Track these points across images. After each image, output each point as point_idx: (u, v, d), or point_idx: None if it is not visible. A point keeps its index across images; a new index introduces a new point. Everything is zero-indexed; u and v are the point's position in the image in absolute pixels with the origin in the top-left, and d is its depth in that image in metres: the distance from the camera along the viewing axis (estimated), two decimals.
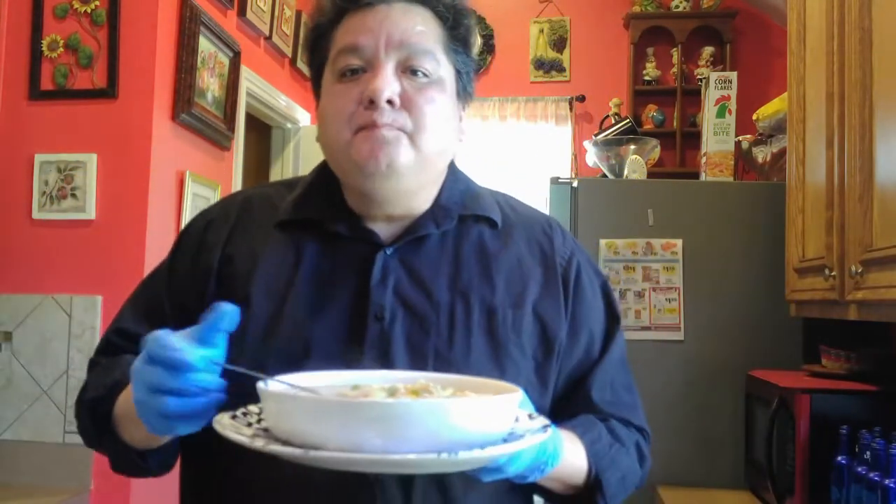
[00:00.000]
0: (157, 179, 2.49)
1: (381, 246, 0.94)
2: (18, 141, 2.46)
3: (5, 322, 2.41)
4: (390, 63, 0.89)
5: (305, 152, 3.99)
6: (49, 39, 2.47)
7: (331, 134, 0.92)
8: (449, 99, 0.93)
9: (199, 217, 1.04)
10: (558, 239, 1.03)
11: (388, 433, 0.62)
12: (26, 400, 2.37)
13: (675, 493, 2.21)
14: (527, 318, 0.94)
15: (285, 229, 0.96)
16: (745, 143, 2.75)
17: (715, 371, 2.32)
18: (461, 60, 0.96)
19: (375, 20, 0.90)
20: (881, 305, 1.51)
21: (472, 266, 0.95)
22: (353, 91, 0.90)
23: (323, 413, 0.64)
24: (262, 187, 1.06)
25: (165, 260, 1.03)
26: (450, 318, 0.91)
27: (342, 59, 0.91)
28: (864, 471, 1.49)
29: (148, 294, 1.03)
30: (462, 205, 0.98)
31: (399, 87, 0.89)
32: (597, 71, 4.21)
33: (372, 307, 0.89)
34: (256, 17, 3.28)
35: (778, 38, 3.83)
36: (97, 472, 2.34)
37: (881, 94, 1.50)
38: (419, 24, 0.92)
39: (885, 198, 1.47)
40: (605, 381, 0.99)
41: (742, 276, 2.35)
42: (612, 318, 1.04)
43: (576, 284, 1.00)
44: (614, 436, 0.96)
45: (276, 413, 0.67)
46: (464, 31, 0.96)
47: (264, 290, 0.91)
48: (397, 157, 0.88)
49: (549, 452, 0.77)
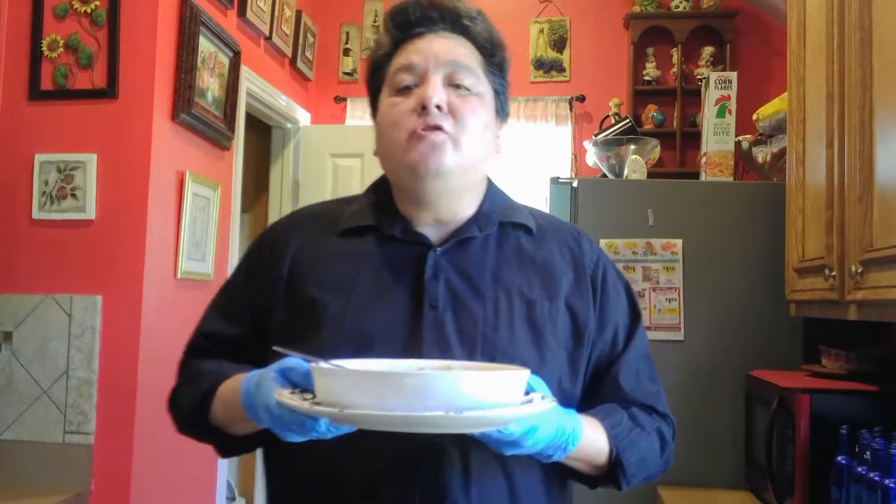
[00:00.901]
0: (157, 179, 2.49)
1: (431, 247, 1.08)
2: (18, 141, 2.46)
3: (5, 322, 2.41)
4: (438, 76, 1.06)
5: (305, 152, 3.99)
6: (49, 39, 2.47)
7: (388, 138, 1.07)
8: (488, 112, 1.09)
9: (271, 229, 1.20)
10: (586, 245, 1.16)
11: (411, 400, 0.76)
12: (26, 400, 2.37)
13: (674, 493, 2.21)
14: (560, 310, 1.08)
15: (347, 236, 1.12)
16: (745, 143, 2.75)
17: (715, 371, 2.32)
18: (498, 82, 1.13)
19: (425, 43, 1.09)
20: (881, 305, 1.51)
21: (511, 264, 1.09)
22: (408, 101, 1.06)
23: (359, 383, 0.79)
24: (325, 203, 1.24)
25: (240, 267, 1.19)
26: (494, 309, 1.04)
27: (398, 77, 1.08)
28: (864, 471, 1.49)
29: (227, 298, 1.18)
30: (502, 213, 1.13)
31: (446, 96, 1.05)
32: (597, 71, 4.21)
33: (427, 297, 1.03)
34: (256, 17, 3.29)
35: (778, 38, 3.83)
36: (97, 472, 2.34)
37: (881, 94, 1.50)
38: (462, 47, 1.09)
39: (885, 198, 1.47)
40: (630, 369, 1.11)
41: (742, 276, 2.35)
42: (635, 315, 1.16)
43: (602, 284, 1.13)
44: (635, 421, 1.07)
45: (324, 386, 0.82)
46: (499, 59, 1.14)
47: (333, 289, 1.06)
48: (444, 159, 1.03)
49: (568, 433, 0.91)
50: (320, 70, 4.23)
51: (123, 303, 2.40)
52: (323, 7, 4.23)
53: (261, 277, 1.12)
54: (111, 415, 2.37)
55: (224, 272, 3.07)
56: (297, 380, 0.88)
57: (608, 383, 1.10)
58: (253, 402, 0.90)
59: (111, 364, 2.38)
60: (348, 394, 0.78)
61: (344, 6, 4.31)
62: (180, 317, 2.68)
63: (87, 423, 2.35)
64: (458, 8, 1.11)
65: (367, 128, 4.29)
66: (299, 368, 0.88)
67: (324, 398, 0.81)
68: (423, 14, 1.10)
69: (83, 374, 2.36)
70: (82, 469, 2.33)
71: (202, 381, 1.07)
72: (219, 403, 1.04)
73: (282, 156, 4.00)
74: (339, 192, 3.92)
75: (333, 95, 4.24)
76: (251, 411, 0.90)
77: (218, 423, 1.05)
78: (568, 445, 0.91)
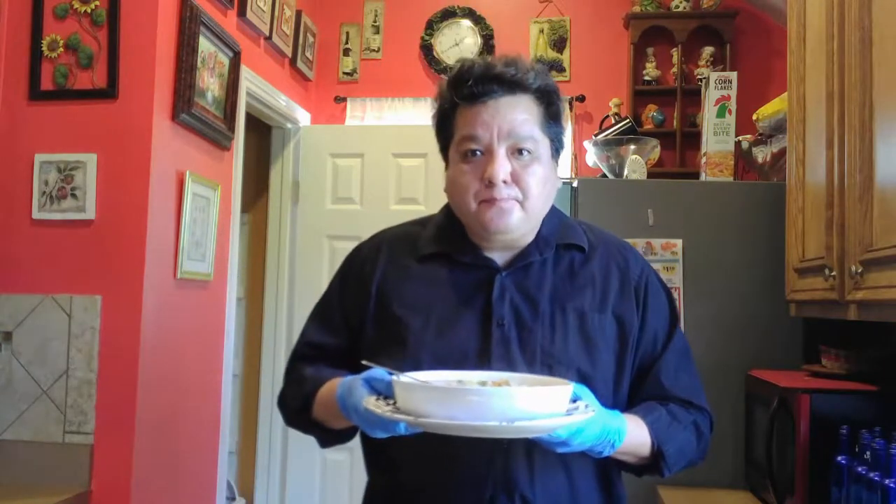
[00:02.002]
0: (157, 179, 2.49)
1: (497, 270, 1.23)
2: (18, 141, 2.46)
3: (5, 322, 2.41)
4: (502, 149, 1.18)
5: (305, 152, 3.99)
6: (49, 39, 2.47)
7: (460, 202, 1.22)
8: (547, 166, 1.22)
9: (356, 252, 1.36)
10: (632, 259, 1.30)
11: (472, 411, 0.92)
12: (26, 400, 2.37)
13: (674, 493, 2.21)
14: (609, 319, 1.23)
15: (424, 260, 1.28)
16: (745, 143, 2.75)
17: (715, 371, 2.32)
18: (554, 131, 1.24)
19: (489, 114, 1.18)
20: (881, 305, 1.51)
21: (566, 282, 1.24)
22: (476, 171, 1.19)
23: (431, 396, 0.96)
24: (402, 226, 1.38)
25: (334, 284, 1.36)
26: (551, 324, 1.20)
27: (465, 144, 1.20)
28: (864, 471, 1.49)
29: (323, 312, 1.35)
30: (558, 235, 1.27)
31: (509, 167, 1.18)
32: (597, 71, 4.20)
33: (495, 317, 1.20)
34: (256, 17, 3.28)
35: (778, 38, 3.82)
36: (97, 472, 2.34)
37: (881, 94, 1.50)
38: (522, 111, 1.19)
39: (885, 198, 1.47)
40: (669, 368, 1.25)
41: (742, 276, 2.35)
42: (673, 319, 1.30)
43: (645, 294, 1.27)
44: (672, 416, 1.21)
45: (402, 397, 0.99)
46: (555, 109, 1.24)
47: (414, 309, 1.23)
48: (511, 220, 1.19)
49: (613, 431, 1.05)
50: (320, 70, 4.23)
51: (123, 303, 2.40)
52: (323, 7, 4.23)
53: (354, 295, 1.29)
54: (111, 415, 2.37)
55: (224, 272, 3.07)
56: (381, 388, 1.04)
57: (651, 381, 1.24)
58: (345, 404, 1.07)
59: (111, 364, 2.38)
60: (422, 404, 0.95)
61: (344, 6, 4.30)
62: (180, 317, 2.68)
63: (87, 423, 2.35)
64: (517, 77, 1.19)
65: (368, 128, 4.29)
66: (383, 379, 1.04)
67: (402, 405, 0.98)
68: (485, 88, 1.18)
69: (83, 374, 2.36)
70: (82, 469, 2.33)
71: (305, 385, 1.26)
72: (319, 404, 1.22)
73: (282, 156, 4.00)
74: (339, 192, 3.92)
75: (333, 95, 4.24)
76: (344, 411, 1.08)
77: (319, 419, 1.23)
78: (615, 442, 1.06)
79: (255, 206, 4.09)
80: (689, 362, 1.30)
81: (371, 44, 4.27)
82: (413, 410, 0.95)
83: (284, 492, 3.83)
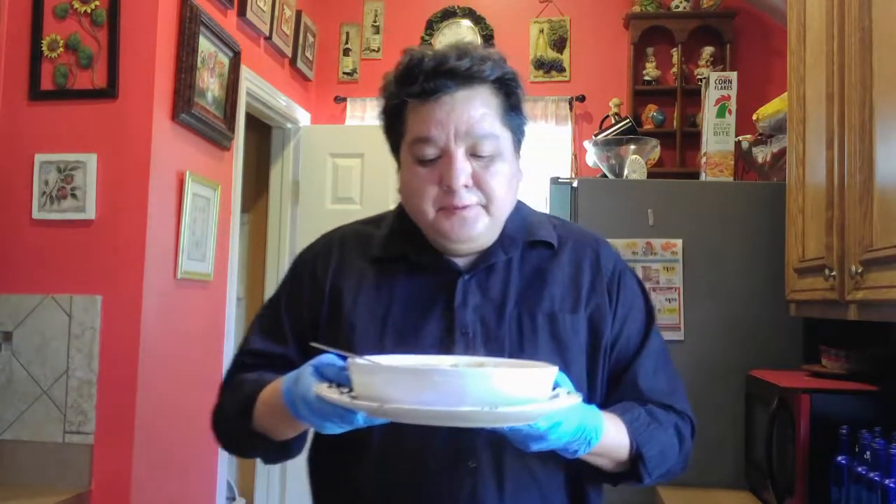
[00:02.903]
0: (157, 179, 2.49)
1: (459, 273, 1.13)
2: (18, 141, 2.46)
3: (5, 322, 2.41)
4: (460, 151, 1.06)
5: (305, 152, 3.99)
6: (49, 39, 2.47)
7: (416, 208, 1.10)
8: (509, 161, 1.11)
9: (305, 253, 1.25)
10: (604, 253, 1.20)
11: (447, 395, 0.79)
12: (26, 400, 2.37)
13: (675, 493, 2.21)
14: (581, 321, 1.13)
15: (379, 263, 1.16)
16: (745, 143, 2.74)
17: (715, 371, 2.31)
18: (516, 123, 1.13)
19: (443, 112, 1.06)
20: (881, 305, 1.51)
21: (533, 283, 1.14)
22: (432, 175, 1.08)
23: (397, 379, 0.82)
24: (353, 225, 1.27)
25: (280, 289, 1.23)
26: (518, 329, 1.10)
27: (419, 148, 1.08)
28: (864, 471, 1.49)
29: (270, 318, 1.21)
30: (525, 231, 1.17)
31: (470, 168, 1.07)
32: (597, 71, 4.21)
33: (458, 325, 1.10)
34: (256, 17, 3.28)
35: (778, 38, 3.82)
36: (97, 472, 2.34)
37: (881, 94, 1.50)
38: (479, 106, 1.07)
39: (885, 198, 1.47)
40: (646, 370, 1.16)
41: (742, 276, 2.35)
42: (650, 317, 1.20)
43: (619, 291, 1.18)
44: (652, 416, 1.11)
45: (361, 382, 0.85)
46: (515, 99, 1.13)
47: (368, 316, 1.12)
48: (475, 229, 1.09)
49: (590, 427, 0.94)
50: (320, 70, 4.23)
51: (123, 303, 2.40)
52: (323, 7, 4.23)
53: (305, 297, 1.18)
54: (111, 415, 2.37)
55: (224, 272, 3.07)
56: (331, 375, 0.92)
57: (626, 384, 1.15)
58: (292, 396, 0.94)
59: (111, 364, 2.38)
60: (386, 389, 0.81)
61: (344, 6, 4.30)
62: (180, 317, 2.68)
63: (87, 423, 2.35)
64: (473, 69, 1.07)
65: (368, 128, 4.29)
66: (334, 364, 0.92)
67: (361, 392, 0.85)
68: (438, 83, 1.06)
69: (83, 374, 2.36)
70: (82, 469, 2.33)
71: (245, 387, 1.11)
72: (261, 405, 1.06)
73: (282, 156, 4.00)
74: (339, 192, 3.92)
75: (333, 95, 4.24)
76: (292, 407, 0.94)
77: (261, 427, 1.07)
78: (591, 439, 0.95)
79: (255, 206, 4.09)
80: (667, 363, 1.20)
81: (371, 44, 4.27)
82: (375, 396, 0.82)
83: (284, 492, 3.83)
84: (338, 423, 0.89)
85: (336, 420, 0.89)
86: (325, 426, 0.91)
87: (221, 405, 1.17)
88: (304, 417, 0.93)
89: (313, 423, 0.93)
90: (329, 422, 0.90)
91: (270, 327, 1.20)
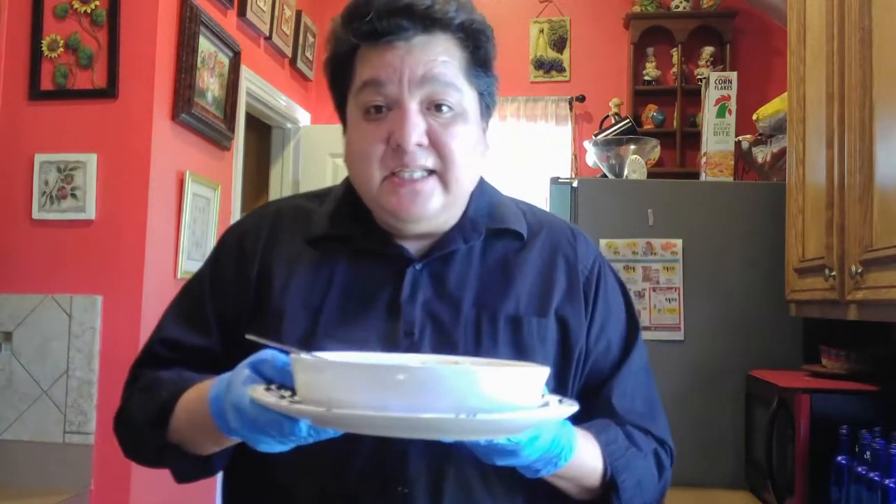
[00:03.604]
0: (157, 179, 2.49)
1: (410, 261, 0.96)
2: (18, 141, 2.46)
3: (5, 322, 2.41)
4: (414, 102, 0.90)
5: (305, 152, 3.99)
6: (49, 39, 2.47)
7: (361, 173, 0.93)
8: (473, 126, 0.95)
9: (233, 229, 1.08)
10: (581, 248, 1.03)
11: (413, 398, 0.62)
12: (26, 400, 2.37)
13: (675, 493, 2.21)
14: (550, 326, 0.96)
15: (317, 244, 0.99)
16: (745, 143, 2.74)
17: (715, 371, 2.31)
18: (484, 83, 0.97)
19: (396, 55, 0.90)
20: (881, 305, 1.51)
21: (497, 278, 0.97)
22: (380, 130, 0.90)
23: (349, 376, 0.65)
24: (293, 199, 1.09)
25: (203, 270, 1.06)
26: (476, 332, 0.93)
27: (365, 96, 0.91)
28: (864, 471, 1.49)
29: (188, 303, 1.04)
30: (489, 217, 1.00)
31: (425, 125, 0.90)
32: (597, 71, 4.21)
33: (403, 324, 0.92)
34: (256, 17, 3.28)
35: (778, 38, 3.82)
36: (97, 472, 2.34)
37: (881, 94, 1.50)
38: (441, 53, 0.91)
39: (885, 198, 1.47)
40: (624, 388, 0.99)
41: (742, 276, 2.35)
42: (633, 327, 1.04)
43: (597, 292, 1.01)
44: (631, 440, 0.96)
45: (306, 382, 0.68)
46: (483, 54, 0.97)
47: (300, 304, 0.94)
48: (428, 207, 0.91)
49: (562, 444, 0.78)
50: (320, 70, 4.23)
51: (123, 303, 2.40)
52: (323, 7, 4.23)
53: (229, 280, 1.00)
54: (111, 415, 2.35)
55: None
56: (272, 374, 0.75)
57: (600, 403, 0.98)
58: (222, 406, 0.76)
59: (111, 364, 2.38)
60: (336, 390, 0.64)
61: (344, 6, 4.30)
62: None
63: (87, 423, 2.35)
64: (434, 9, 0.91)
65: None
66: (275, 361, 0.75)
67: (306, 395, 0.68)
68: (392, 24, 0.90)
69: (83, 374, 2.36)
70: (82, 469, 2.33)
71: (161, 390, 0.92)
72: (181, 413, 0.89)
73: (282, 156, 4.00)
74: None
75: None
76: (220, 419, 0.78)
77: (178, 438, 0.90)
78: (560, 459, 0.79)
79: (255, 206, 4.09)
80: (648, 381, 1.04)
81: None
82: (323, 399, 0.65)
83: None
84: (276, 437, 0.72)
85: (274, 432, 0.71)
86: (260, 441, 0.73)
87: (128, 408, 1.00)
88: (235, 431, 0.75)
89: (246, 438, 0.75)
90: (265, 435, 0.72)
91: (191, 314, 1.02)
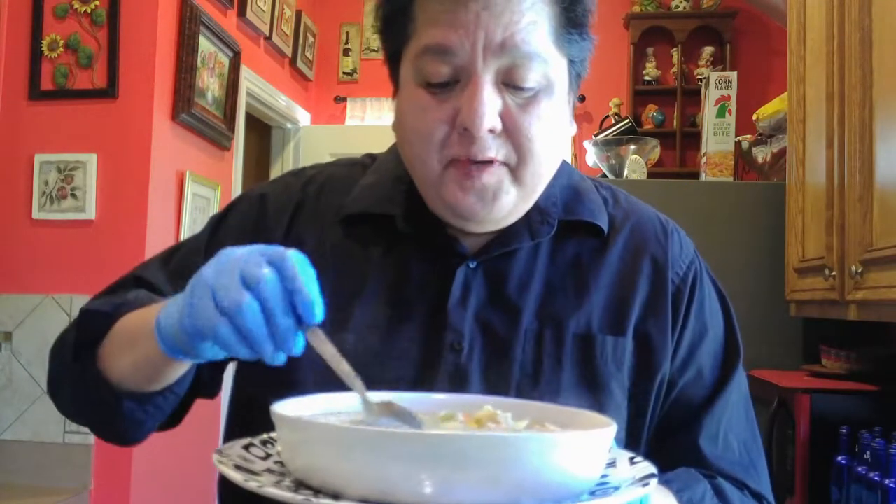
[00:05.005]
0: (157, 179, 2.49)
1: (463, 257, 0.78)
2: (18, 141, 2.46)
3: (5, 322, 2.41)
4: (489, 74, 0.71)
5: (305, 152, 3.99)
6: (49, 39, 2.47)
7: (415, 155, 0.75)
8: (558, 102, 0.76)
9: (251, 192, 0.88)
10: (674, 247, 0.85)
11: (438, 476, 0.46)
12: (26, 400, 2.37)
13: None
14: (627, 345, 0.78)
15: (353, 223, 0.81)
16: (745, 143, 2.74)
17: None
18: (577, 48, 0.77)
19: (470, 13, 0.69)
20: (881, 305, 1.51)
21: (567, 284, 0.79)
22: (444, 108, 0.72)
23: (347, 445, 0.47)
24: (328, 166, 0.89)
25: (206, 230, 0.88)
26: (536, 350, 0.76)
27: (428, 64, 0.72)
28: (864, 471, 1.49)
29: (181, 258, 0.86)
30: (564, 206, 0.82)
31: (500, 105, 0.71)
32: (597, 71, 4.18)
33: (448, 335, 0.75)
34: (256, 17, 3.28)
35: (778, 38, 3.82)
36: (97, 472, 2.34)
37: (881, 94, 1.50)
38: (527, 12, 0.71)
39: (885, 198, 1.47)
40: (717, 429, 0.81)
41: (742, 275, 2.35)
42: (733, 351, 0.86)
43: (689, 305, 0.83)
44: (721, 498, 0.76)
45: (290, 443, 0.52)
46: (582, 11, 0.75)
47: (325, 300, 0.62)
48: (497, 206, 0.74)
49: None
50: (320, 70, 4.23)
51: None
52: (323, 7, 4.23)
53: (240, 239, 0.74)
54: None
55: None
56: None
57: (685, 445, 0.79)
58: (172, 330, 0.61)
59: None
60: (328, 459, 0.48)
61: (344, 6, 4.30)
62: None
63: None
64: None
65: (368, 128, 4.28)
66: None
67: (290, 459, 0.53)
68: None
69: None
70: (82, 469, 2.32)
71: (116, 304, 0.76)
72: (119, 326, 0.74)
73: (282, 156, 4.00)
74: None
75: (333, 95, 4.24)
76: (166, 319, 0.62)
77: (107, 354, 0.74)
78: None
79: None
80: (748, 420, 0.84)
81: (371, 44, 4.27)
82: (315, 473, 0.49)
83: None
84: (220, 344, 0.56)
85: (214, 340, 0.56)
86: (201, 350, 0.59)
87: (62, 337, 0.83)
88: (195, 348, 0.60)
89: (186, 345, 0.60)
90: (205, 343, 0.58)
91: (177, 267, 0.84)
